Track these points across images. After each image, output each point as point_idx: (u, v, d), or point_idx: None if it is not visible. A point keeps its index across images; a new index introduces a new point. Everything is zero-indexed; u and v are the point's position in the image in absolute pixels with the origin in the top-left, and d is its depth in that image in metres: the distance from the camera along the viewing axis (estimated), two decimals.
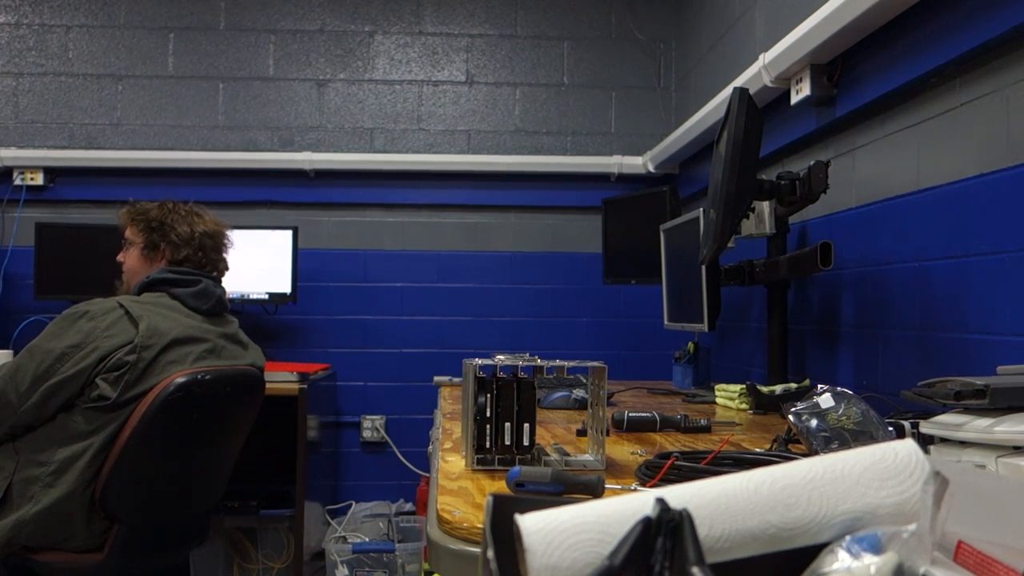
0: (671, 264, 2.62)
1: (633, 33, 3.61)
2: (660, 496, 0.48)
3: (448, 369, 3.47)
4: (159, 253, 2.16)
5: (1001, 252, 1.46)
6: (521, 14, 3.62)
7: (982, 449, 0.95)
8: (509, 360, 1.22)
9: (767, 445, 1.38)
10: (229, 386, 2.05)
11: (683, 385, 2.66)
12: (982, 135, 1.52)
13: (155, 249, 2.16)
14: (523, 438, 1.17)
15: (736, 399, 2.02)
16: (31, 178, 3.41)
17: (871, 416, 1.14)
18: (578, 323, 3.57)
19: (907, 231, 1.76)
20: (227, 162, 3.43)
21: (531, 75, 3.61)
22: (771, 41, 2.18)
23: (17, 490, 1.86)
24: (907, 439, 0.55)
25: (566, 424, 1.72)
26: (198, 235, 2.18)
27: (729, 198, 1.70)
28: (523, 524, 0.49)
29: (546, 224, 3.60)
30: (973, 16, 1.49)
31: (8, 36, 3.50)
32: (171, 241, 2.15)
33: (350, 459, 3.52)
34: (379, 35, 3.59)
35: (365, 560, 2.90)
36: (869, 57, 1.84)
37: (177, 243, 2.15)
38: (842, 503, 0.51)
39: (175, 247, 2.15)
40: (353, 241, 3.55)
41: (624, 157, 3.51)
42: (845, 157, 2.03)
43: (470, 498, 1.01)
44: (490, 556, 0.50)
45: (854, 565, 0.47)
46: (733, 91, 1.75)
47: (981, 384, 0.96)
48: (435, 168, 3.50)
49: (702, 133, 2.78)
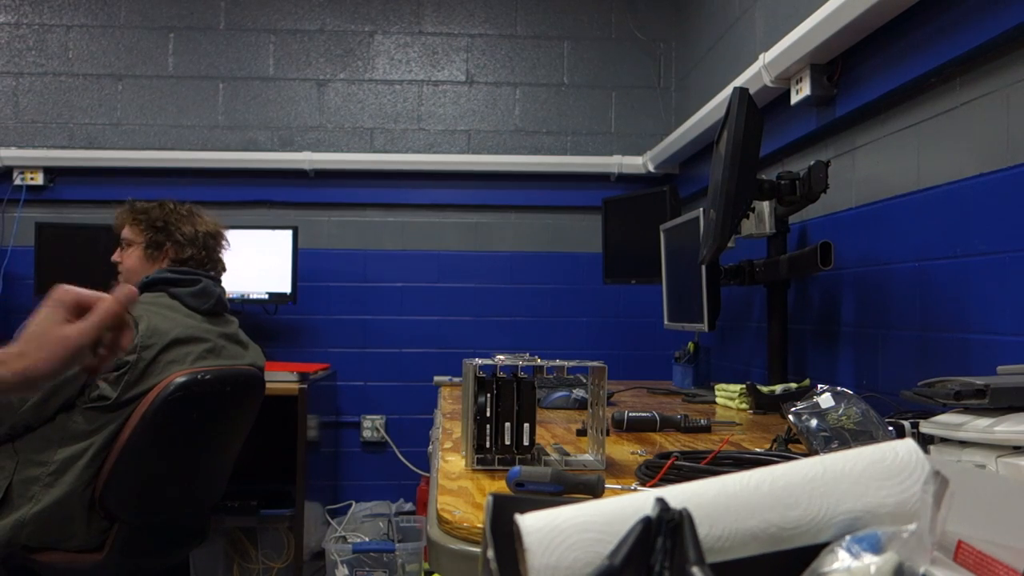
0: (671, 264, 2.62)
1: (633, 33, 3.61)
2: (660, 496, 0.48)
3: (448, 369, 3.47)
4: (162, 253, 2.17)
5: (1001, 252, 1.46)
6: (521, 14, 3.62)
7: (982, 449, 0.95)
8: (509, 360, 1.22)
9: (767, 445, 1.38)
10: (229, 386, 2.05)
11: (683, 385, 2.66)
12: (982, 135, 1.52)
13: (158, 248, 2.17)
14: (523, 438, 1.17)
15: (736, 399, 2.02)
16: (31, 178, 3.41)
17: (871, 416, 1.14)
18: (578, 323, 3.57)
19: (907, 231, 1.76)
20: (227, 162, 3.43)
21: (531, 75, 3.61)
22: (771, 41, 2.18)
23: (17, 490, 1.86)
24: (907, 439, 0.55)
25: (566, 424, 1.72)
26: (202, 235, 2.19)
27: (729, 198, 1.71)
28: (523, 524, 0.49)
29: (546, 224, 3.60)
30: (973, 16, 1.49)
31: (8, 36, 3.50)
32: (176, 240, 2.16)
33: (350, 459, 3.52)
34: (379, 35, 3.59)
35: (365, 560, 2.90)
36: (869, 57, 1.84)
37: (182, 242, 2.16)
38: (842, 503, 0.51)
39: (180, 246, 2.16)
40: (353, 241, 3.55)
41: (624, 157, 3.51)
42: (845, 157, 2.03)
43: (470, 498, 1.01)
44: (490, 556, 0.50)
45: (854, 565, 0.47)
46: (733, 91, 1.75)
47: (981, 384, 0.96)
48: (435, 168, 3.50)
49: (702, 133, 2.78)
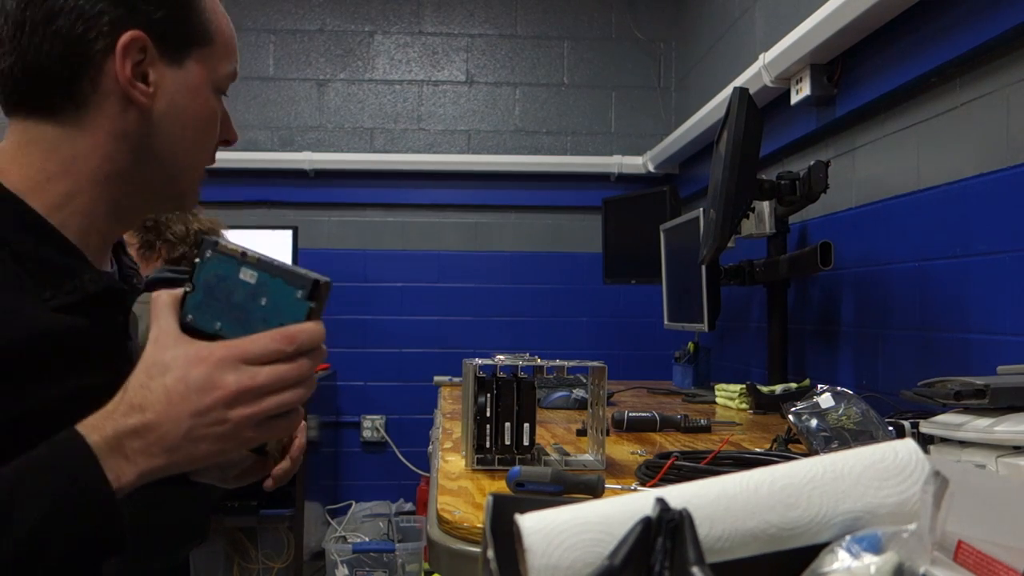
0: (671, 264, 2.62)
1: (633, 33, 3.61)
2: (660, 496, 0.48)
3: (448, 369, 3.45)
4: (155, 252, 2.16)
5: (1001, 252, 1.46)
6: (521, 14, 3.62)
7: (982, 449, 0.95)
8: (509, 360, 1.22)
9: (767, 445, 1.38)
10: None
11: (683, 385, 2.66)
12: (982, 135, 1.52)
13: (151, 248, 2.17)
14: (523, 438, 1.17)
15: (736, 399, 2.02)
16: None
17: (871, 416, 1.14)
18: (578, 323, 3.57)
19: (907, 231, 1.76)
20: (227, 162, 3.42)
21: (531, 75, 3.61)
22: (771, 41, 2.18)
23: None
24: (907, 439, 0.55)
25: (566, 424, 1.72)
26: (193, 233, 2.18)
27: (729, 198, 1.70)
28: (523, 524, 0.49)
29: (546, 224, 3.60)
30: (973, 16, 1.49)
31: None
32: (167, 240, 2.15)
33: (350, 459, 3.52)
34: (379, 35, 3.59)
35: (365, 560, 2.90)
36: (869, 57, 1.84)
37: (173, 241, 2.16)
38: (842, 503, 0.51)
39: (171, 245, 2.16)
40: (353, 241, 3.55)
41: (624, 157, 3.51)
42: (845, 157, 2.02)
43: (470, 498, 1.02)
44: (490, 556, 0.50)
45: (854, 565, 0.47)
46: (733, 91, 1.75)
47: (981, 384, 0.96)
48: (435, 168, 3.50)
49: (702, 133, 2.78)
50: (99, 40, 0.79)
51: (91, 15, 0.78)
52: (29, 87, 0.80)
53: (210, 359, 0.69)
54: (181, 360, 0.69)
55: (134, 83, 0.81)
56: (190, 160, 0.88)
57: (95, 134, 0.81)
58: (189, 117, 0.86)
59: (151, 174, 0.86)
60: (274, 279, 0.71)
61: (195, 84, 0.86)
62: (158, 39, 0.82)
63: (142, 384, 0.69)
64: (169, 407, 0.68)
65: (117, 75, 0.80)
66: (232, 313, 0.72)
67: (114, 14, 0.79)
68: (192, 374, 0.68)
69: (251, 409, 0.69)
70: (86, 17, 0.78)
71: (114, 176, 0.83)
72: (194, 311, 0.73)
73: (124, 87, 0.80)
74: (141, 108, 0.82)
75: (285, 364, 0.70)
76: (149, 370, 0.70)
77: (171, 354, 0.69)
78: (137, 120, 0.83)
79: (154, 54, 0.82)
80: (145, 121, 0.83)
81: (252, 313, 0.72)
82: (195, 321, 0.72)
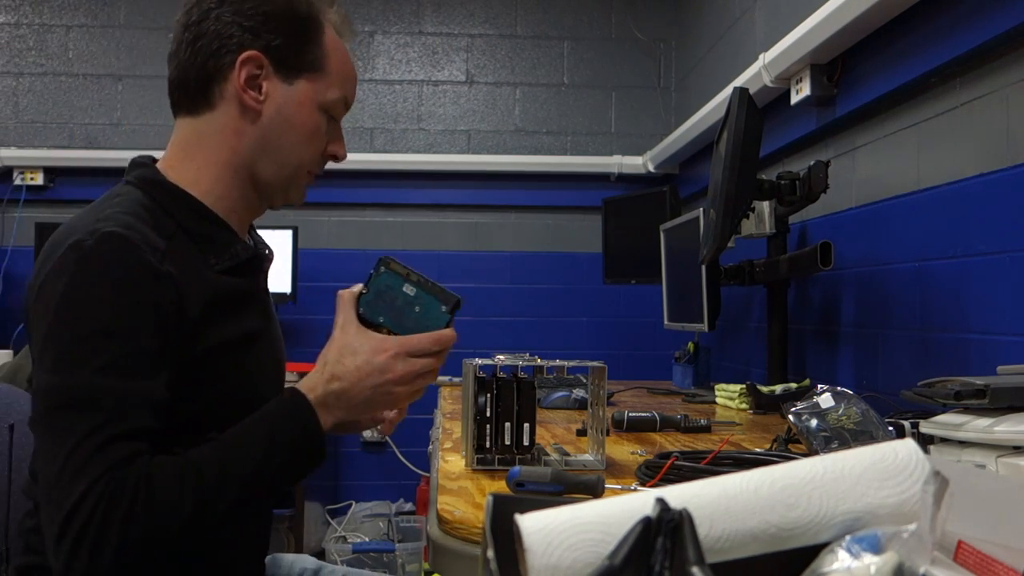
0: (671, 264, 2.62)
1: (633, 33, 3.61)
2: (660, 496, 0.48)
3: (448, 369, 3.46)
4: None
5: (1001, 252, 1.46)
6: (521, 14, 3.62)
7: (982, 449, 0.95)
8: (509, 360, 1.22)
9: (767, 445, 1.38)
10: None
11: (683, 385, 2.66)
12: (982, 135, 1.52)
13: None
14: (523, 438, 1.17)
15: (736, 399, 2.02)
16: (31, 178, 3.41)
17: (871, 416, 1.14)
18: (578, 323, 3.57)
19: (907, 231, 1.76)
20: None
21: (531, 75, 3.61)
22: (771, 41, 2.18)
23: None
24: (907, 439, 0.55)
25: (566, 424, 1.72)
26: None
27: (729, 198, 1.70)
28: (523, 524, 0.49)
29: (546, 224, 3.60)
30: (973, 16, 1.49)
31: (8, 36, 3.50)
32: None
33: (350, 459, 3.52)
34: (379, 35, 3.59)
35: (365, 560, 2.90)
36: (869, 57, 1.84)
37: None
38: (842, 503, 0.51)
39: None
40: (353, 241, 3.55)
41: (624, 157, 3.51)
42: (845, 157, 2.02)
43: (470, 498, 1.02)
44: (490, 556, 0.50)
45: (854, 565, 0.47)
46: (733, 91, 1.75)
47: (981, 384, 0.96)
48: (435, 168, 3.50)
49: (702, 133, 2.78)
50: (228, 55, 1.02)
51: (225, 36, 1.02)
52: (182, 91, 1.05)
53: (388, 351, 0.97)
54: (367, 348, 0.97)
55: (246, 90, 1.03)
56: (293, 160, 1.08)
57: (222, 131, 1.04)
58: (292, 124, 1.06)
59: (263, 169, 1.07)
60: (428, 295, 1.02)
61: (301, 100, 1.06)
62: (274, 60, 1.04)
63: (338, 360, 0.97)
64: (358, 381, 0.96)
65: (236, 82, 1.02)
66: (392, 313, 1.01)
67: (242, 38, 1.02)
68: (375, 360, 0.97)
69: (409, 387, 0.99)
70: (222, 38, 1.02)
71: (239, 167, 1.06)
72: (365, 306, 1.01)
73: (239, 92, 1.02)
74: (253, 112, 1.04)
75: (431, 358, 1.00)
76: (341, 350, 0.98)
77: (359, 342, 0.98)
78: (252, 122, 1.04)
79: (269, 71, 1.04)
80: (257, 123, 1.05)
81: (407, 316, 1.01)
82: (365, 313, 1.01)
